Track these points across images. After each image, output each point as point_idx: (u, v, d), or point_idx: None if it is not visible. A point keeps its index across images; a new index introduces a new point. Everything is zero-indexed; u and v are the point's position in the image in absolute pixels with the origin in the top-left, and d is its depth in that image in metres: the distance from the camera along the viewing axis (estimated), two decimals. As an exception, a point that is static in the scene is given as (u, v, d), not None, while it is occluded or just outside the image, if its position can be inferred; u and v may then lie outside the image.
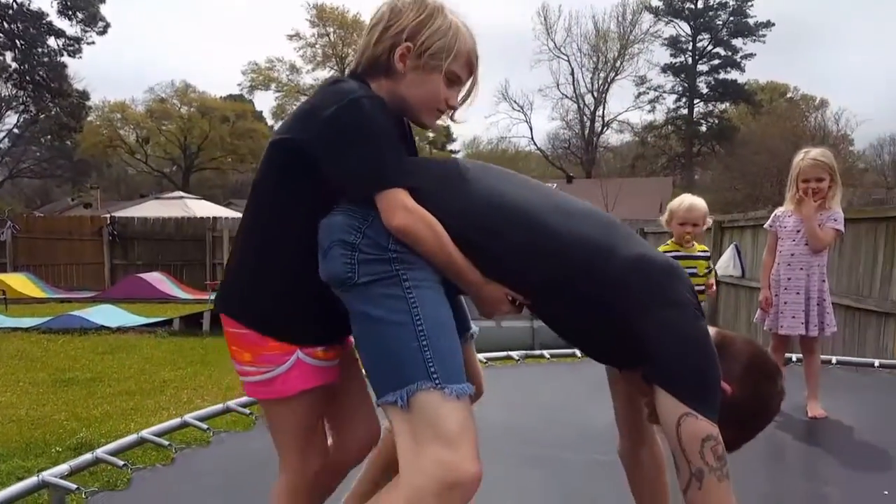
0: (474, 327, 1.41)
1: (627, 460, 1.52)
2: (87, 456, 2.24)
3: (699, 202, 3.52)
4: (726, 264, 7.65)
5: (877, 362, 3.95)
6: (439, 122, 1.40)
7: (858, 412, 3.04)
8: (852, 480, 2.34)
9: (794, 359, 3.69)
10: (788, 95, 37.79)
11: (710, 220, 3.55)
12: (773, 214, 3.32)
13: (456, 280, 1.25)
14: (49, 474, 2.06)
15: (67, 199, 30.09)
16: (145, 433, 2.47)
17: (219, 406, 2.90)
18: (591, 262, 1.23)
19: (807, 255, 3.09)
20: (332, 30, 36.44)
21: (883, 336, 5.03)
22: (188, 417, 2.71)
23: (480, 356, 3.52)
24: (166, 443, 2.51)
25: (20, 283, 12.43)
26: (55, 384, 6.10)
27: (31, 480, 2.03)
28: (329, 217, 1.24)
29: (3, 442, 4.50)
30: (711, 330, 1.34)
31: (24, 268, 13.95)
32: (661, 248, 3.59)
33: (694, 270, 3.44)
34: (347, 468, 1.53)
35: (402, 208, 1.20)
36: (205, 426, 2.72)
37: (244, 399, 3.00)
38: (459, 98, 1.36)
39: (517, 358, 3.95)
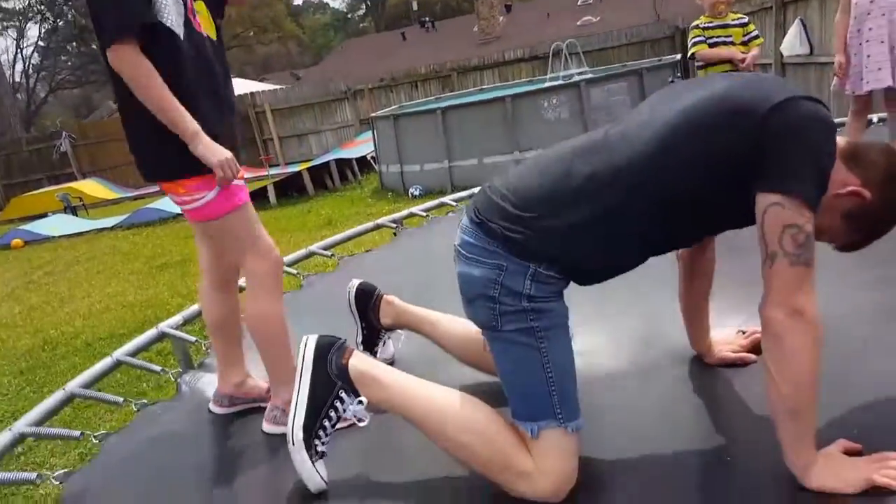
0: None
1: (685, 262, 1.63)
2: (194, 307, 2.43)
3: None
4: (792, 43, 7.02)
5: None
6: None
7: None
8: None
9: (874, 119, 3.46)
10: None
11: None
12: None
13: (171, 126, 1.52)
14: (165, 325, 2.28)
15: (109, 103, 30.39)
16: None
17: (303, 251, 3.04)
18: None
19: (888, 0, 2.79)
20: None
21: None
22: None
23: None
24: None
25: (93, 188, 13.04)
26: (151, 270, 6.57)
27: (150, 333, 2.25)
28: (468, 268, 1.38)
29: (122, 325, 4.96)
30: (842, 141, 1.30)
31: (91, 174, 14.53)
32: (696, 21, 3.59)
33: (730, 39, 3.46)
34: None
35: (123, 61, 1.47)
36: (294, 271, 2.88)
37: (324, 242, 3.15)
38: None
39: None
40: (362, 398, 1.41)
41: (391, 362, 1.94)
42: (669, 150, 1.24)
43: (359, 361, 1.44)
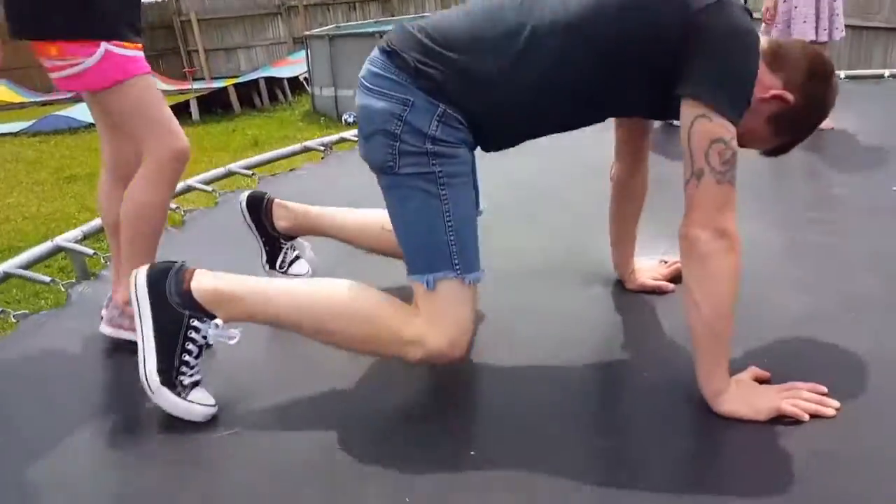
0: (483, 205, 1.44)
1: (617, 183, 1.62)
2: (96, 221, 2.25)
3: None
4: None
5: (887, 72, 3.81)
6: None
7: (869, 120, 2.99)
8: (861, 181, 2.35)
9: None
10: None
11: None
12: None
13: None
14: (62, 239, 2.09)
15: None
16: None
17: (221, 169, 2.87)
18: None
19: None
20: None
21: (891, 51, 4.88)
22: (192, 181, 2.69)
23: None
24: (174, 205, 2.51)
25: (-2, 91, 11.94)
26: (58, 182, 6.12)
27: (45, 245, 2.06)
28: (370, 100, 1.27)
29: (22, 237, 4.62)
30: (765, 41, 1.28)
31: (-6, 76, 13.27)
32: None
33: None
34: None
35: None
36: (209, 188, 2.71)
37: (246, 161, 2.97)
38: None
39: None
40: (217, 321, 1.26)
41: None
42: (599, 19, 1.20)
43: (202, 281, 1.27)
